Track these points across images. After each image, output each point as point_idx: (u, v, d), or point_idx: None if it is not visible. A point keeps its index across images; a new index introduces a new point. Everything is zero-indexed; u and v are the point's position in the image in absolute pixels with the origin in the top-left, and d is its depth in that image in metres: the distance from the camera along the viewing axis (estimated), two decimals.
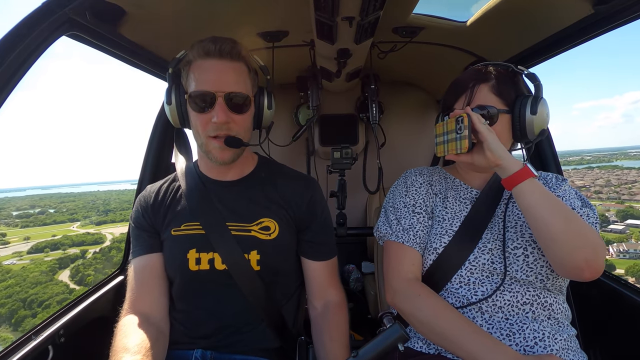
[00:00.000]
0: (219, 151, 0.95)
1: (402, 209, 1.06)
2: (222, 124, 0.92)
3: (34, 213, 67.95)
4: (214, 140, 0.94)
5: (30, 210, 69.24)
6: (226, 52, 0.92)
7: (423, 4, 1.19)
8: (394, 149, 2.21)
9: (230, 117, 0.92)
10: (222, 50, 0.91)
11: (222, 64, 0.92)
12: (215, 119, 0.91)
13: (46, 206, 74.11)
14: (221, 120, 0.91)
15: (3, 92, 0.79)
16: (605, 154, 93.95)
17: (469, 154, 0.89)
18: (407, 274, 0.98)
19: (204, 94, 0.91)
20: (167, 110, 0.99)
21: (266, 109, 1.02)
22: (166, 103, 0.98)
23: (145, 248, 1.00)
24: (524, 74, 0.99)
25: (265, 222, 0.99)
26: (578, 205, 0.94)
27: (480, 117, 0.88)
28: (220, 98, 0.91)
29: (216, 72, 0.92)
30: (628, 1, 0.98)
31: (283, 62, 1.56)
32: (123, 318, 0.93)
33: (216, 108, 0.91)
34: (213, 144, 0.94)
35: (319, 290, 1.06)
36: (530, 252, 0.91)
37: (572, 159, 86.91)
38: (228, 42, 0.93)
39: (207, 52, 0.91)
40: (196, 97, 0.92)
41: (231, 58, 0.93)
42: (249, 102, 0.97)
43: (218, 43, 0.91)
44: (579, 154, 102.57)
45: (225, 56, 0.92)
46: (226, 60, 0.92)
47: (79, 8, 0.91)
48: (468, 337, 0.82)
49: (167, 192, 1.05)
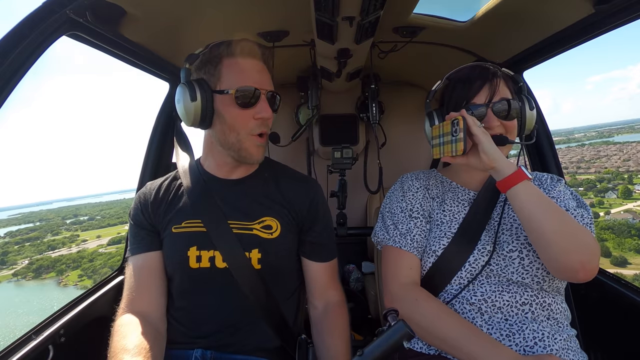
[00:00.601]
0: (257, 149, 0.99)
1: (399, 213, 1.06)
2: (267, 120, 0.97)
3: (84, 220, 78.90)
4: (257, 138, 0.97)
5: (81, 218, 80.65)
6: (265, 56, 1.00)
7: (423, 4, 1.19)
8: (395, 148, 2.21)
9: (272, 114, 0.98)
10: (263, 54, 0.99)
11: (262, 66, 0.99)
12: (264, 114, 0.95)
13: (88, 214, 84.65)
14: (268, 115, 0.96)
15: (3, 92, 0.79)
16: (607, 129, 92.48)
17: (464, 156, 0.90)
18: (405, 279, 0.98)
19: (252, 90, 0.94)
20: (185, 108, 0.94)
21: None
22: (190, 99, 0.92)
23: (144, 246, 0.99)
24: (511, 75, 1.03)
25: (267, 221, 0.99)
26: (572, 206, 0.95)
27: (475, 120, 0.88)
28: (264, 96, 0.96)
29: (259, 72, 0.98)
30: (628, 1, 0.98)
31: (283, 62, 1.56)
32: (120, 317, 0.93)
33: (261, 104, 0.96)
34: (254, 141, 0.97)
35: (320, 290, 1.07)
36: (526, 254, 0.91)
37: (560, 139, 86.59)
38: (264, 47, 1.00)
39: (251, 52, 0.97)
40: (243, 92, 0.93)
41: (265, 60, 1.00)
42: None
43: (260, 47, 0.99)
44: (583, 130, 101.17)
45: (264, 59, 1.00)
46: (260, 60, 0.99)
47: (79, 8, 0.91)
48: (467, 340, 0.83)
49: (167, 189, 1.05)
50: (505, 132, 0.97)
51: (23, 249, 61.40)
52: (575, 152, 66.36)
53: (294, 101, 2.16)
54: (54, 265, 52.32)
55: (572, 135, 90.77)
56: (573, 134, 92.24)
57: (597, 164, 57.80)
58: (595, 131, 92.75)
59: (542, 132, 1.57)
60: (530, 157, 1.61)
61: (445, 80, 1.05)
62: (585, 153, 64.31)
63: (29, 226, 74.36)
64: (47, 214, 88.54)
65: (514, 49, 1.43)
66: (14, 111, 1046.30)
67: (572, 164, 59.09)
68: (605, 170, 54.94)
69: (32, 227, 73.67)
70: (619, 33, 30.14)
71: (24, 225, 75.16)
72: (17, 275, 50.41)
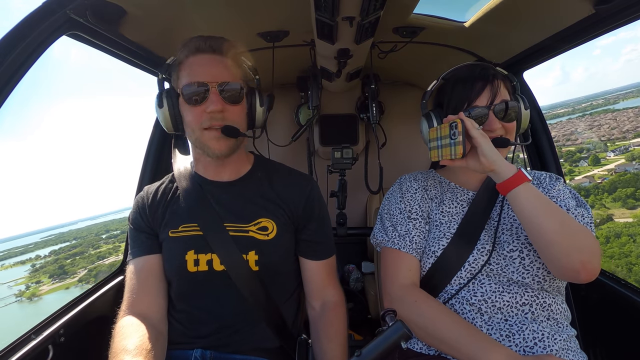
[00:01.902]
0: (215, 142, 0.94)
1: (397, 215, 1.05)
2: (217, 113, 0.92)
3: (118, 233, 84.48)
4: (208, 131, 0.94)
5: (114, 232, 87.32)
6: (217, 47, 0.94)
7: (423, 4, 1.19)
8: (395, 148, 2.21)
9: (224, 107, 0.93)
10: (213, 45, 0.94)
11: (213, 58, 0.94)
12: (211, 107, 0.91)
13: (119, 228, 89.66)
14: (217, 108, 0.91)
15: (3, 92, 0.79)
16: (615, 95, 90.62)
17: (463, 159, 0.89)
18: (404, 280, 0.98)
19: (197, 85, 0.91)
20: (159, 116, 0.98)
21: (258, 106, 1.02)
22: (157, 106, 0.97)
23: (143, 249, 1.00)
24: (505, 74, 1.02)
25: (263, 223, 0.99)
26: (572, 205, 0.94)
27: (474, 123, 0.88)
28: (214, 88, 0.92)
29: (208, 65, 0.94)
30: (629, 1, 0.98)
31: (283, 62, 1.56)
32: (121, 319, 0.93)
33: (210, 97, 0.92)
34: (208, 134, 0.94)
35: (317, 289, 1.06)
36: (526, 254, 0.91)
37: (562, 111, 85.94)
38: (218, 39, 0.95)
39: (197, 47, 0.93)
40: (189, 89, 0.92)
41: (222, 53, 0.95)
42: (243, 94, 0.98)
43: (208, 39, 0.94)
44: (593, 98, 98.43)
45: (217, 51, 0.94)
46: (217, 54, 0.95)
47: (79, 8, 0.91)
48: (466, 340, 0.82)
49: (164, 192, 1.05)
50: (505, 133, 0.97)
51: (75, 262, 71.17)
52: (573, 124, 67.49)
53: (294, 101, 2.16)
54: (110, 270, 58.26)
55: (580, 105, 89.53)
56: (580, 104, 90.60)
57: (585, 135, 59.70)
58: (602, 98, 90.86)
59: (541, 130, 1.57)
60: (530, 155, 1.61)
61: (440, 80, 1.04)
62: (580, 124, 65.74)
63: (68, 244, 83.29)
64: (78, 233, 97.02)
65: (514, 49, 1.43)
66: (28, 134, 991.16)
67: (564, 137, 60.28)
68: (587, 140, 57.46)
69: (71, 244, 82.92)
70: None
71: (62, 244, 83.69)
72: (81, 280, 61.24)
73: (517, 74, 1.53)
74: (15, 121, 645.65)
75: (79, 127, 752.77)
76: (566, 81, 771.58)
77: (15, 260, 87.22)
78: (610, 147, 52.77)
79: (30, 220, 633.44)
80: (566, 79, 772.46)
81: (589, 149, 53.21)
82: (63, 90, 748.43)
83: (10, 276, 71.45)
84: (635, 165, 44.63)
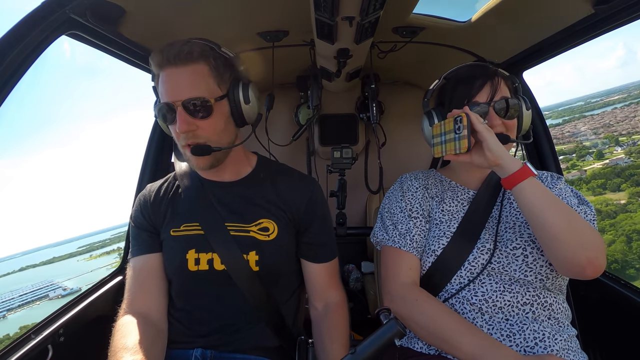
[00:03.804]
0: (194, 159, 0.93)
1: (398, 214, 1.05)
2: (185, 133, 0.89)
3: None
4: (186, 148, 0.92)
5: None
6: (176, 57, 0.87)
7: (423, 4, 1.19)
8: (395, 148, 2.21)
9: (193, 124, 0.89)
10: (170, 56, 0.87)
11: (175, 71, 0.88)
12: (179, 128, 0.88)
13: None
14: (182, 129, 0.88)
15: (3, 92, 0.79)
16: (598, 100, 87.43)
17: (468, 154, 0.88)
18: (405, 279, 0.98)
19: (165, 107, 0.90)
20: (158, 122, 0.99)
21: (243, 103, 0.94)
22: (155, 115, 0.97)
23: (144, 248, 0.99)
24: (507, 75, 1.03)
25: (264, 223, 0.99)
26: (575, 203, 0.95)
27: (478, 117, 0.87)
28: (179, 107, 0.87)
29: (171, 82, 0.89)
30: (628, 1, 0.98)
31: (283, 62, 1.56)
32: (121, 318, 0.93)
33: (178, 117, 0.88)
34: (187, 153, 0.93)
35: (320, 291, 1.06)
36: (530, 252, 0.91)
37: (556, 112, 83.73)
38: (176, 46, 0.88)
39: (159, 63, 0.89)
40: (159, 110, 0.92)
41: (183, 62, 0.87)
42: (210, 106, 0.90)
43: (165, 51, 0.87)
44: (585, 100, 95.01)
45: (177, 62, 0.87)
46: (179, 66, 0.88)
47: (79, 7, 0.90)
48: (467, 340, 0.82)
49: (167, 191, 1.05)
50: (506, 130, 0.97)
51: None
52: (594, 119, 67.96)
53: (293, 101, 2.16)
54: None
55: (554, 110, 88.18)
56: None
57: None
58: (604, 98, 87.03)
59: (541, 130, 1.57)
60: (530, 155, 1.61)
61: (442, 79, 1.04)
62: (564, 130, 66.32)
63: None
64: None
65: (514, 49, 1.43)
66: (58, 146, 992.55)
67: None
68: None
69: None
70: None
71: None
72: None
73: (517, 74, 1.53)
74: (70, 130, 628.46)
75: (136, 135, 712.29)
76: (633, 61, 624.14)
77: (101, 251, 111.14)
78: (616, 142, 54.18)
79: (95, 221, 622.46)
80: (633, 58, 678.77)
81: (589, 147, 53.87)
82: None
83: (105, 262, 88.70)
84: (625, 159, 46.76)
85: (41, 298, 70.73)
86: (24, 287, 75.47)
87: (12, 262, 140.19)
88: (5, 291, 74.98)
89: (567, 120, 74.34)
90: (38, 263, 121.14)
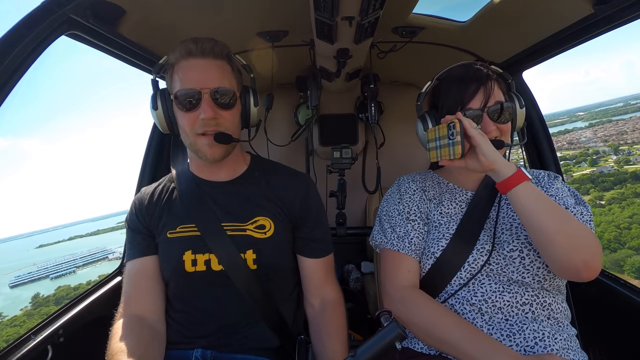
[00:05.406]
0: (208, 148, 0.95)
1: (396, 216, 1.05)
2: (209, 120, 0.92)
3: None
4: (202, 137, 0.94)
5: None
6: (208, 51, 0.93)
7: (423, 4, 1.19)
8: (394, 148, 2.21)
9: (217, 113, 0.93)
10: (204, 49, 0.92)
11: (205, 62, 0.93)
12: (203, 115, 0.90)
13: None
14: (208, 115, 0.91)
15: (3, 92, 0.79)
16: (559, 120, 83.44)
17: (462, 159, 0.89)
18: (404, 282, 0.98)
19: (190, 92, 0.91)
20: (154, 117, 0.99)
21: (252, 106, 1.01)
22: (152, 108, 0.97)
23: (140, 251, 1.00)
24: (500, 72, 1.02)
25: (260, 221, 0.99)
26: (571, 204, 0.94)
27: (472, 122, 0.87)
28: (206, 95, 0.91)
29: (200, 70, 0.92)
30: (628, 1, 0.98)
31: (283, 62, 1.56)
32: (118, 321, 0.93)
33: (202, 105, 0.91)
34: (202, 141, 0.94)
35: (316, 288, 1.06)
36: (527, 254, 0.91)
37: None
38: (209, 41, 0.94)
39: (189, 52, 0.92)
40: (182, 96, 0.92)
41: (214, 56, 0.94)
42: (236, 98, 0.97)
43: (199, 42, 0.92)
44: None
45: (208, 54, 0.93)
46: (209, 58, 0.93)
47: (78, 7, 0.90)
48: (467, 340, 0.82)
49: (161, 193, 1.05)
50: (500, 134, 0.97)
51: None
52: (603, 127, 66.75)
53: (293, 101, 2.16)
54: None
55: None
56: None
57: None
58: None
59: (540, 129, 1.57)
60: (529, 155, 1.61)
61: (435, 80, 1.04)
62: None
63: None
64: None
65: (514, 49, 1.43)
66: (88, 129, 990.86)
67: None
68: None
69: None
70: None
71: None
72: None
73: (517, 74, 1.53)
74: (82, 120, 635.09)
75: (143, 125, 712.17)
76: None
77: None
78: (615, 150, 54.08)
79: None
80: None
81: (590, 154, 53.82)
82: None
83: None
84: (609, 167, 47.34)
85: (101, 260, 75.40)
86: (80, 252, 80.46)
87: (57, 233, 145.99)
88: (66, 254, 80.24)
89: (593, 124, 69.74)
90: (84, 234, 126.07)
